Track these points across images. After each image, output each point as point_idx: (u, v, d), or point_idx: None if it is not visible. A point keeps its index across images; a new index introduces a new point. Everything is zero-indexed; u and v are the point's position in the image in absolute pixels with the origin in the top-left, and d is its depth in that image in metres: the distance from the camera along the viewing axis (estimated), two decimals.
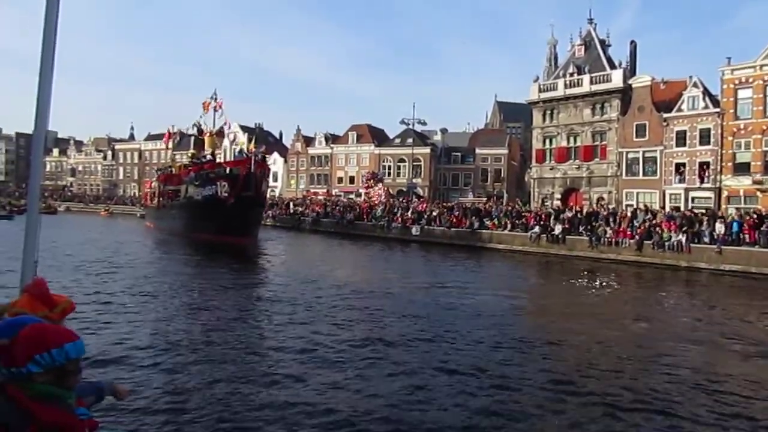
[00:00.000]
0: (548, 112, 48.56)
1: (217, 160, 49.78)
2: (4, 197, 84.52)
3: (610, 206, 38.36)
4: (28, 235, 3.60)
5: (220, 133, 52.51)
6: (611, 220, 33.02)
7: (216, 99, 50.24)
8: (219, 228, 35.81)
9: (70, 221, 57.20)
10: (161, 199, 54.00)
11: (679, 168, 40.05)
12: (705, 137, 38.85)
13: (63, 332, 1.98)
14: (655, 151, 41.30)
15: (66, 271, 20.71)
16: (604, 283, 22.75)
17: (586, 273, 25.64)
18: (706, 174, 38.50)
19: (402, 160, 72.21)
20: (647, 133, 41.70)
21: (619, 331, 14.05)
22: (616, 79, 44.28)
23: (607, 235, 31.75)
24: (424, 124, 68.66)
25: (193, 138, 58.35)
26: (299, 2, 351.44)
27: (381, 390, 8.91)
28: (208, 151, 51.79)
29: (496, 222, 38.65)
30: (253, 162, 37.12)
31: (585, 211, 36.64)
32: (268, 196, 47.05)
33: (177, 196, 47.35)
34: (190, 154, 57.31)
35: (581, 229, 33.63)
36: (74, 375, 1.96)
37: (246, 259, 29.46)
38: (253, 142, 44.67)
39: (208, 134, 52.66)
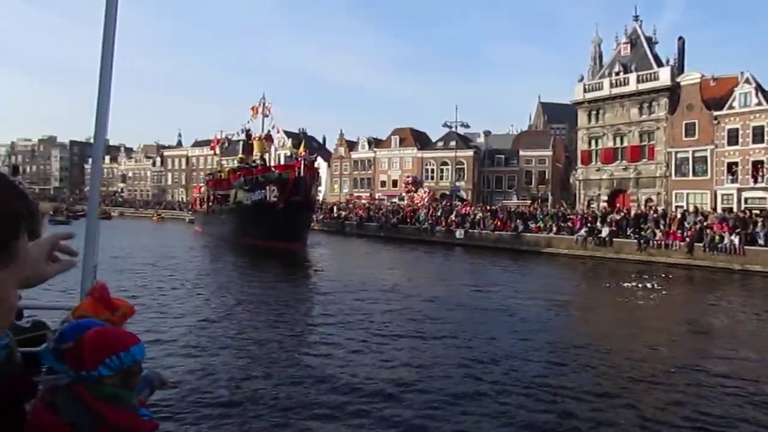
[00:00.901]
0: (594, 112, 47.72)
1: (267, 165, 49.59)
2: (59, 203, 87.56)
3: (659, 208, 37.43)
4: (88, 240, 3.70)
5: (269, 138, 52.14)
6: (660, 222, 32.27)
7: (264, 103, 50.49)
8: (268, 233, 35.53)
9: (124, 226, 58.73)
10: (210, 203, 54.02)
11: (732, 167, 38.86)
12: (758, 135, 37.62)
13: (127, 335, 2.07)
14: (706, 150, 40.16)
15: (120, 274, 21.31)
16: (653, 287, 22.22)
17: (634, 276, 25.08)
18: (760, 173, 37.23)
19: (445, 163, 71.94)
20: (697, 132, 40.60)
21: (670, 338, 13.72)
22: (664, 77, 43.23)
23: (657, 238, 31.03)
24: (467, 126, 68.27)
25: (241, 143, 58.72)
26: (343, 8, 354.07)
27: (421, 398, 8.86)
28: (257, 155, 51.45)
29: (541, 225, 38.19)
30: (302, 166, 36.90)
31: (633, 213, 35.89)
32: (317, 200, 46.79)
33: (226, 200, 47.44)
34: (238, 159, 57.25)
35: (629, 231, 32.95)
36: (137, 376, 2.05)
37: (294, 264, 29.51)
38: (302, 145, 44.14)
39: (256, 139, 52.50)
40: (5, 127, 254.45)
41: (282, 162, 55.18)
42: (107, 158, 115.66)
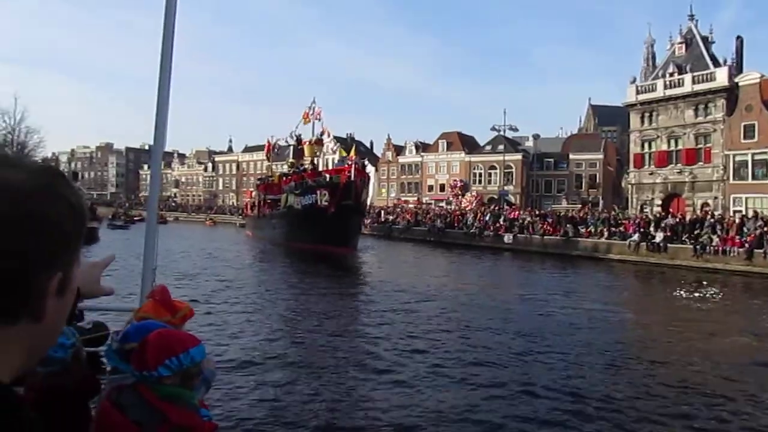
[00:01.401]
0: (647, 114, 46.56)
1: (317, 169, 49.56)
2: (116, 207, 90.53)
3: (716, 213, 36.22)
4: (147, 244, 3.82)
5: (319, 142, 52.25)
6: (718, 227, 31.23)
7: (315, 108, 50.60)
8: (319, 237, 35.46)
9: (179, 230, 60.29)
10: (261, 208, 54.33)
11: None
12: None
13: (187, 337, 2.13)
14: (766, 153, 38.66)
15: (177, 277, 21.87)
16: (710, 295, 21.54)
17: (690, 283, 24.35)
18: None
19: (493, 167, 71.37)
20: (756, 133, 39.11)
21: (728, 348, 13.27)
22: (721, 77, 41.83)
23: (714, 244, 30.04)
24: (516, 130, 67.50)
25: (291, 147, 59.23)
26: (390, 12, 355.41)
27: (473, 411, 8.74)
28: (307, 159, 51.91)
29: (592, 230, 37.47)
30: (353, 170, 36.80)
31: (688, 217, 34.85)
32: (368, 204, 46.68)
33: (277, 205, 47.43)
34: (289, 164, 57.94)
35: (684, 237, 32.02)
36: (196, 377, 2.12)
37: (344, 268, 29.50)
38: (353, 149, 43.88)
39: (307, 143, 52.80)
40: (65, 134, 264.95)
41: (331, 166, 55.30)
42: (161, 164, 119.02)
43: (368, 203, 46.37)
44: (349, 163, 38.59)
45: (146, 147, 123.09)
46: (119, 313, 4.47)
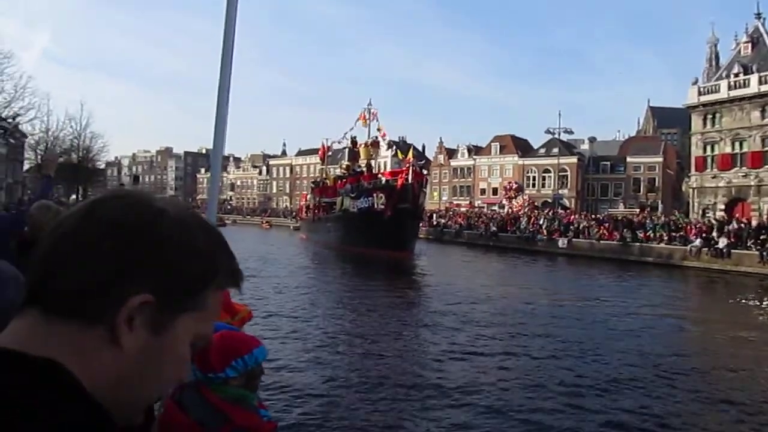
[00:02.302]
0: (709, 116, 45.01)
1: (373, 171, 49.17)
2: None
3: None
4: None
5: (375, 144, 51.84)
6: None
7: (371, 110, 50.46)
8: (375, 241, 34.73)
9: (238, 232, 61.46)
10: (316, 211, 53.84)
11: None
12: None
13: (250, 338, 2.16)
14: None
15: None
16: None
17: (757, 292, 23.37)
18: None
19: (547, 171, 70.37)
20: None
21: None
22: None
23: None
24: (571, 132, 66.40)
25: (347, 149, 58.88)
26: (443, 16, 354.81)
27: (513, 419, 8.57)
28: (363, 161, 51.23)
29: (651, 234, 36.44)
30: (410, 172, 36.04)
31: (754, 222, 33.51)
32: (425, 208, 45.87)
33: (332, 208, 47.19)
34: (344, 166, 57.22)
35: (749, 243, 30.79)
36: (259, 377, 2.14)
37: (400, 272, 28.95)
38: (410, 151, 42.78)
39: (363, 145, 52.12)
40: (128, 138, 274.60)
41: (387, 169, 55.02)
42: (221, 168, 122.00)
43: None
44: (407, 165, 37.83)
45: (204, 151, 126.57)
46: None
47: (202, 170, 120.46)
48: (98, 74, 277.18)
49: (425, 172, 42.33)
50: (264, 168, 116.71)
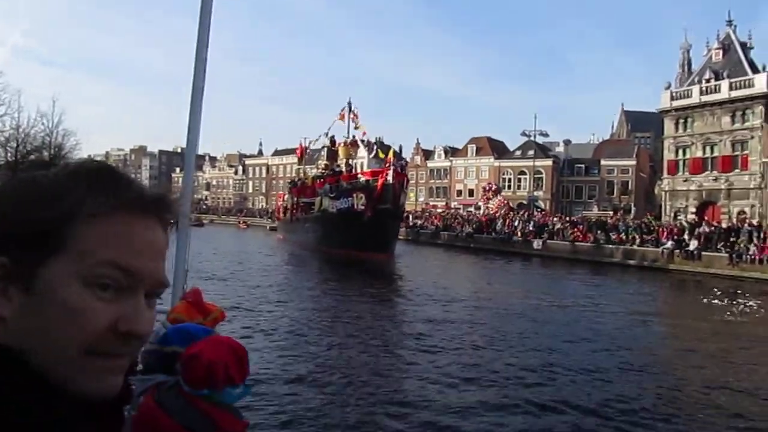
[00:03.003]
0: (681, 120, 45.80)
1: (353, 171, 48.65)
2: None
3: (754, 221, 35.43)
4: (179, 246, 3.82)
5: (355, 143, 51.37)
6: (754, 235, 30.55)
7: (351, 108, 49.56)
8: (355, 242, 34.00)
9: (214, 232, 60.91)
10: (294, 211, 52.76)
11: None
12: None
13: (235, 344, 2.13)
14: None
15: (207, 280, 22.12)
16: (747, 304, 21.04)
17: (725, 293, 23.84)
18: None
19: (522, 173, 70.96)
20: None
21: (762, 360, 12.90)
22: (760, 83, 40.94)
23: (750, 252, 29.40)
24: (546, 135, 67.19)
25: (325, 149, 57.59)
26: (422, 16, 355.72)
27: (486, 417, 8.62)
28: (342, 161, 50.33)
29: (624, 236, 36.95)
30: (391, 172, 35.29)
31: (724, 225, 34.18)
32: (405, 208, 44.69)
33: (311, 208, 46.17)
34: (323, 166, 55.87)
35: (719, 245, 31.40)
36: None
37: (377, 275, 28.18)
38: (391, 151, 41.50)
39: (342, 144, 51.27)
40: (101, 136, 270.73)
41: (365, 169, 54.19)
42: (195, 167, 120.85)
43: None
44: (388, 165, 37.10)
45: (179, 150, 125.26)
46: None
47: (177, 169, 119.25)
48: (72, 71, 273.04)
49: (406, 172, 41.63)
50: (240, 167, 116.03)
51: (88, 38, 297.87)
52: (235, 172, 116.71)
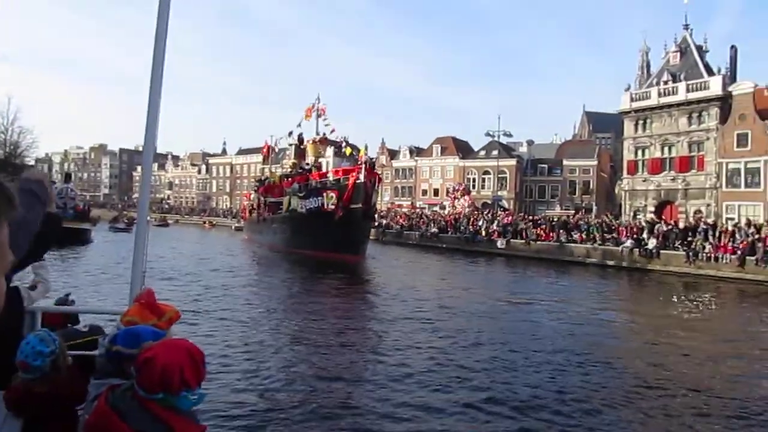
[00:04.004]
0: (640, 121, 46.82)
1: (322, 170, 46.87)
2: (109, 209, 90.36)
3: (709, 220, 36.39)
4: (137, 247, 3.74)
5: (324, 141, 49.40)
6: (710, 234, 31.38)
7: (319, 105, 48.25)
8: (324, 243, 33.12)
9: (176, 232, 59.87)
10: (260, 211, 51.03)
11: None
12: None
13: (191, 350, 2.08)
14: (759, 161, 38.88)
15: (167, 281, 21.75)
16: (703, 301, 21.59)
17: (682, 289, 24.47)
18: None
19: (487, 173, 71.58)
20: (750, 142, 39.38)
21: (719, 354, 13.25)
22: (715, 86, 42.12)
23: (706, 250, 30.19)
24: (510, 135, 67.88)
25: (293, 147, 55.78)
26: (386, 16, 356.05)
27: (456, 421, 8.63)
28: (310, 159, 48.95)
29: (585, 235, 37.55)
30: (363, 170, 34.00)
31: (681, 224, 35.01)
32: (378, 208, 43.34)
33: (278, 208, 44.40)
34: (290, 164, 54.14)
35: (677, 243, 32.15)
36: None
37: (348, 276, 27.26)
38: (363, 148, 40.36)
39: (310, 142, 49.89)
40: (60, 135, 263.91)
41: (330, 168, 53.05)
42: (155, 166, 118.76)
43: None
44: (360, 163, 35.98)
45: (140, 148, 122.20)
46: (112, 316, 4.41)
47: (138, 168, 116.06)
48: (27, 67, 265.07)
49: (377, 170, 40.42)
50: (203, 167, 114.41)
51: (42, 34, 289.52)
52: (199, 171, 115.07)
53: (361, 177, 33.66)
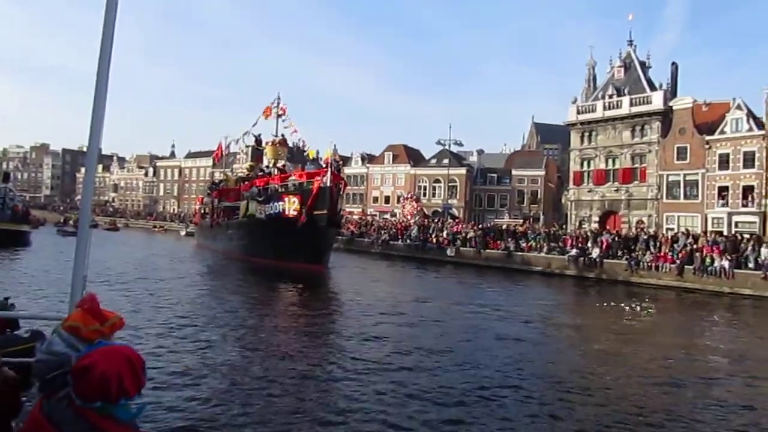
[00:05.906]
0: (586, 133, 48.12)
1: (284, 172, 43.79)
2: (50, 211, 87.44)
3: (650, 230, 37.62)
4: (78, 251, 3.61)
5: (284, 142, 46.56)
6: (651, 243, 32.39)
7: (279, 104, 46.03)
8: (285, 252, 31.38)
9: (122, 236, 58.04)
10: (214, 216, 48.24)
11: (722, 192, 39.17)
12: (749, 160, 38.02)
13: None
14: (697, 174, 40.50)
15: (108, 287, 21.06)
16: (643, 309, 22.20)
17: (624, 298, 25.09)
18: (750, 198, 37.54)
19: (437, 181, 72.17)
20: (689, 155, 40.98)
21: (655, 359, 13.63)
22: (657, 101, 43.69)
23: (647, 259, 31.13)
24: (461, 144, 68.45)
25: (249, 149, 53.02)
26: (334, 21, 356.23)
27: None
28: (269, 161, 46.43)
29: (533, 244, 38.22)
30: (329, 174, 31.90)
31: (624, 234, 36.04)
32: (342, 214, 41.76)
33: (234, 213, 41.91)
34: (247, 167, 51.51)
35: (620, 252, 33.06)
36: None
37: (307, 285, 25.99)
38: (329, 150, 36.69)
39: (270, 143, 47.01)
40: None
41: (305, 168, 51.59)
42: (99, 167, 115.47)
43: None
44: (325, 166, 33.59)
45: (84, 149, 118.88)
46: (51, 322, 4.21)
47: (82, 169, 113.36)
48: None
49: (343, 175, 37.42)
50: (150, 169, 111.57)
51: None
52: (146, 174, 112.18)
53: (327, 181, 31.64)
